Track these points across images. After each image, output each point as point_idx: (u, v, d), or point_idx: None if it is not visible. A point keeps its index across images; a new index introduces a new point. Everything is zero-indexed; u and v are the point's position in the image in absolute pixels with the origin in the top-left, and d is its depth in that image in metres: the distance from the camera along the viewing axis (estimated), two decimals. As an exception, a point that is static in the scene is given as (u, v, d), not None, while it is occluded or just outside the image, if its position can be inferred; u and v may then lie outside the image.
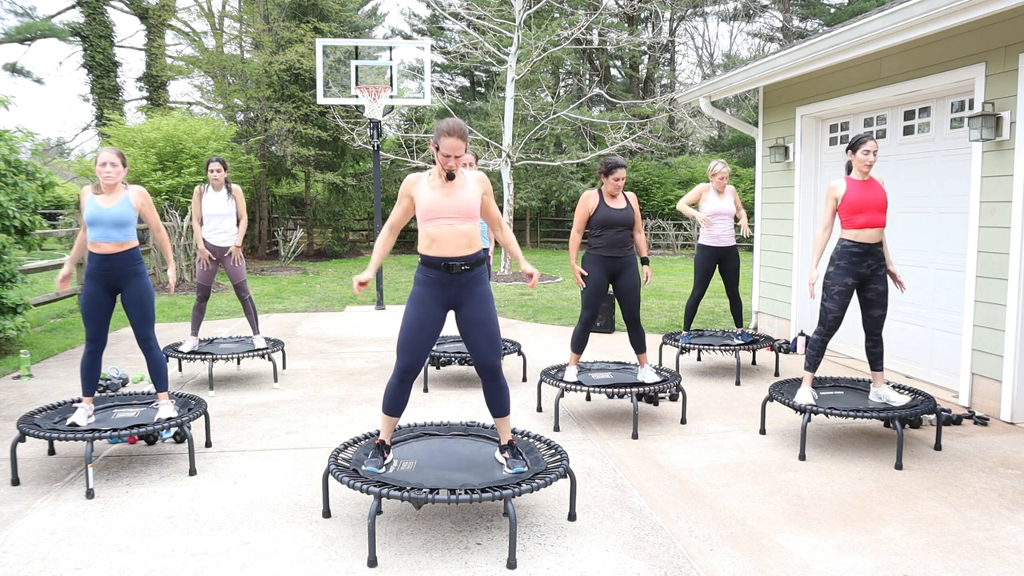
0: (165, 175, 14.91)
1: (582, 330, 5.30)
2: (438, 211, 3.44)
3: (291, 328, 9.05)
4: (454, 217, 3.44)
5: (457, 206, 3.44)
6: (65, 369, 6.80)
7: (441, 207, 3.44)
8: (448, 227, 3.44)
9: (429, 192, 3.47)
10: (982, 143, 5.35)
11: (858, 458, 4.45)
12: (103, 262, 4.25)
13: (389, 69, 10.67)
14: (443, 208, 3.44)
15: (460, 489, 3.24)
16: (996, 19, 5.19)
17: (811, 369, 4.79)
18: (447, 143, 3.38)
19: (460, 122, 3.44)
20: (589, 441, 4.77)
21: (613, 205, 5.15)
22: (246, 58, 20.80)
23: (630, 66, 30.27)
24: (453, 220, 3.44)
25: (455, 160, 3.39)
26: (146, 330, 4.39)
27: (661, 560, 3.19)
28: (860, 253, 4.61)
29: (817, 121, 7.72)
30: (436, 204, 3.44)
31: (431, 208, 3.44)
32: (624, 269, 5.20)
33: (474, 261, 3.51)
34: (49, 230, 10.46)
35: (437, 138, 3.43)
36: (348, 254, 21.48)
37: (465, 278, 3.51)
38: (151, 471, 4.21)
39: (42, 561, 3.16)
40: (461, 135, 3.38)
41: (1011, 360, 5.12)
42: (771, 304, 8.37)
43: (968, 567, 3.14)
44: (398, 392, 3.55)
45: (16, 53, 54.72)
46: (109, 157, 4.25)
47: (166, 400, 4.46)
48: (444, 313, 3.56)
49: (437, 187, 3.48)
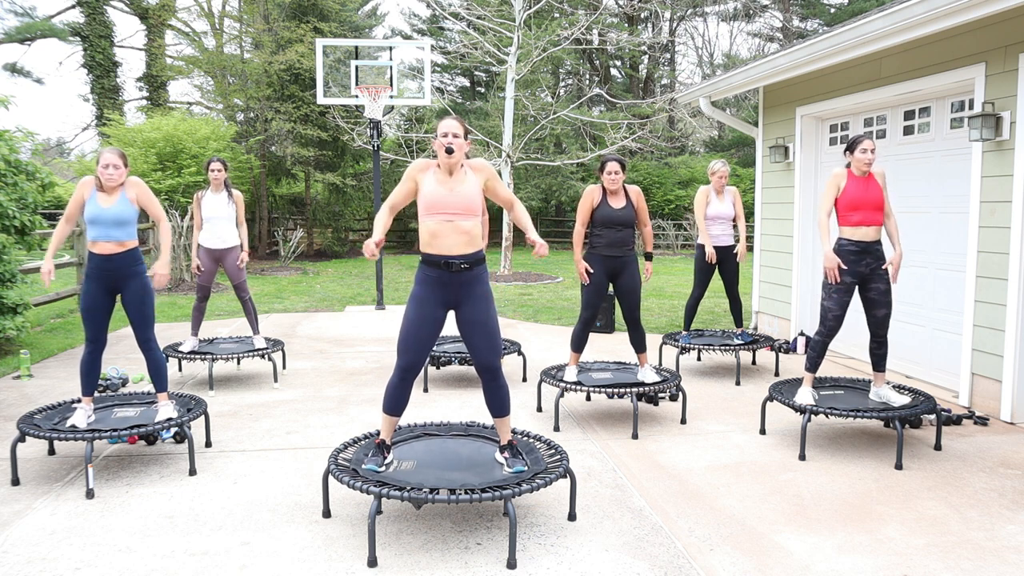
0: (165, 175, 14.91)
1: (581, 330, 5.30)
2: (440, 206, 3.44)
3: (291, 328, 9.05)
4: (455, 213, 3.45)
5: (458, 202, 3.45)
6: (65, 369, 6.80)
7: (443, 202, 3.44)
8: (449, 223, 3.45)
9: (434, 184, 3.48)
10: (982, 143, 5.35)
11: (858, 458, 4.45)
12: (103, 263, 4.24)
13: (389, 69, 10.67)
14: (445, 203, 3.44)
15: (460, 489, 3.24)
16: (996, 19, 5.19)
17: (812, 370, 4.79)
18: (443, 125, 3.46)
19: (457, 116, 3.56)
20: (589, 441, 4.77)
21: (614, 204, 5.14)
22: (246, 58, 20.80)
23: (630, 66, 30.26)
24: (454, 216, 3.45)
25: (452, 137, 3.43)
26: (146, 331, 4.38)
27: (661, 560, 3.19)
28: (857, 252, 4.61)
29: (817, 121, 7.72)
30: (438, 199, 3.45)
31: (433, 202, 3.45)
32: (624, 268, 5.20)
33: (474, 260, 3.51)
34: (49, 230, 10.43)
35: (436, 132, 3.49)
36: (348, 254, 21.48)
37: (465, 277, 3.51)
38: (151, 471, 4.21)
39: (42, 561, 3.16)
40: (457, 119, 3.50)
41: (1011, 360, 5.12)
42: (771, 304, 8.37)
43: (968, 567, 3.14)
44: (399, 391, 3.55)
45: (16, 53, 54.73)
46: (111, 159, 4.21)
47: (166, 400, 4.46)
48: (444, 313, 3.56)
49: (442, 182, 3.49)
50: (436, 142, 3.48)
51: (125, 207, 4.25)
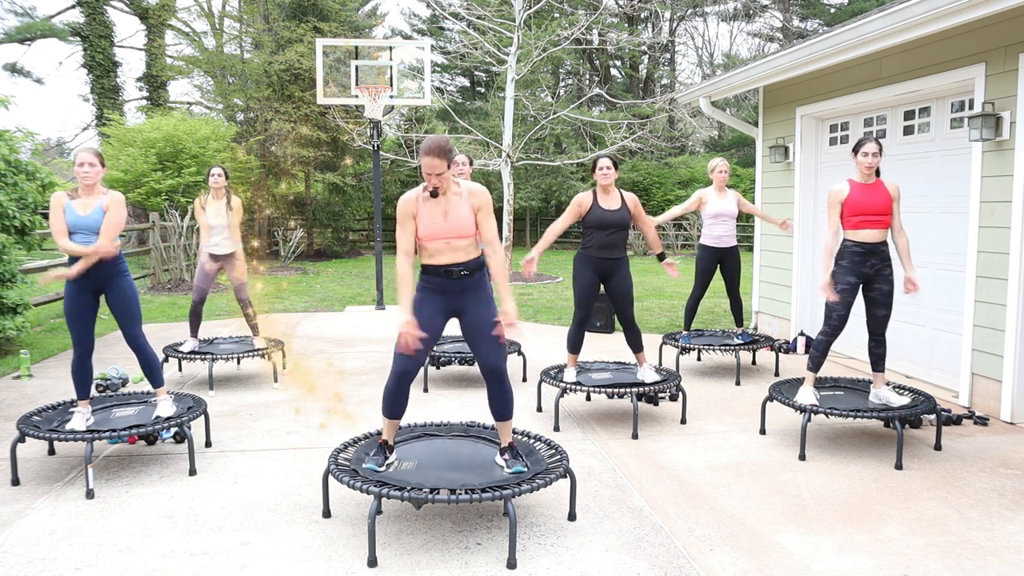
0: (165, 175, 14.91)
1: (576, 330, 5.28)
2: (435, 233, 3.46)
3: (291, 328, 9.05)
4: (451, 237, 3.47)
5: (452, 227, 3.46)
6: (65, 369, 6.80)
7: (438, 230, 3.46)
8: (445, 244, 3.47)
9: (426, 214, 3.46)
10: (982, 143, 5.35)
11: (858, 458, 4.45)
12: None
13: (389, 69, 10.67)
14: (440, 231, 3.46)
15: (460, 489, 3.24)
16: (996, 19, 5.19)
17: (814, 369, 4.78)
18: (425, 162, 3.34)
19: (438, 139, 3.35)
20: (589, 441, 4.77)
21: (607, 206, 5.09)
22: (246, 58, 20.82)
23: (630, 66, 30.26)
24: (450, 239, 3.47)
25: (437, 178, 3.36)
26: (133, 328, 4.35)
27: (661, 560, 3.19)
28: (862, 253, 4.61)
29: (817, 121, 7.72)
30: (433, 227, 3.45)
31: (429, 232, 3.46)
32: (615, 271, 5.17)
33: (473, 266, 3.52)
34: (49, 230, 10.45)
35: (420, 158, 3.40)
36: (348, 254, 21.48)
37: (465, 283, 3.52)
38: (151, 471, 4.21)
39: (42, 561, 3.16)
40: (438, 153, 3.32)
41: (1011, 360, 5.12)
42: (771, 304, 8.37)
43: (968, 567, 3.13)
44: (396, 395, 3.55)
45: (16, 53, 54.63)
46: (87, 157, 4.17)
47: (164, 396, 4.45)
48: (444, 320, 3.57)
49: (432, 207, 3.46)
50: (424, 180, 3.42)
51: (100, 216, 4.18)
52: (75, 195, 4.22)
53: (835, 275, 4.68)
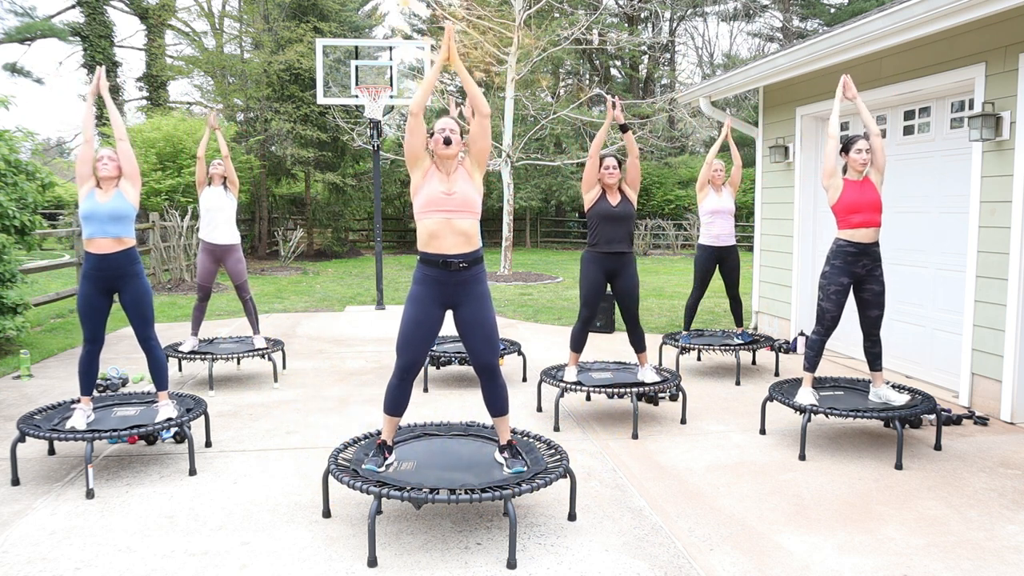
0: (165, 175, 14.91)
1: (580, 329, 5.29)
2: (437, 204, 3.45)
3: (291, 328, 9.05)
4: (453, 211, 3.45)
5: (456, 201, 3.45)
6: (65, 369, 6.80)
7: (440, 200, 3.45)
8: (446, 222, 3.45)
9: (434, 179, 3.48)
10: (982, 143, 5.35)
11: (858, 458, 4.45)
12: (100, 262, 4.22)
13: (389, 69, 10.67)
14: (442, 202, 3.45)
15: (460, 489, 3.24)
16: (996, 19, 5.19)
17: (810, 369, 4.79)
18: (440, 122, 3.51)
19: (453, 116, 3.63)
20: (589, 441, 4.77)
21: (611, 200, 5.14)
22: (246, 58, 20.80)
23: (630, 66, 30.25)
24: (451, 214, 3.45)
25: (449, 132, 3.46)
26: (146, 330, 4.38)
27: (661, 560, 3.19)
28: (855, 253, 4.61)
29: (817, 121, 7.72)
30: (436, 197, 3.45)
31: (430, 200, 3.45)
32: (623, 269, 5.19)
33: (472, 259, 3.51)
34: (49, 230, 10.46)
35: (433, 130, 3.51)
36: (348, 254, 21.48)
37: (463, 276, 3.51)
38: (151, 471, 4.21)
39: (42, 561, 3.16)
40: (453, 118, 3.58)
41: (1011, 360, 5.12)
42: (771, 304, 8.37)
43: (968, 567, 3.14)
44: (399, 391, 3.56)
45: (16, 53, 54.61)
46: (107, 152, 4.28)
47: (166, 400, 4.45)
48: (443, 312, 3.56)
49: (441, 180, 3.49)
50: (433, 139, 3.48)
51: (121, 202, 4.25)
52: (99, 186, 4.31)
53: (827, 275, 4.69)
